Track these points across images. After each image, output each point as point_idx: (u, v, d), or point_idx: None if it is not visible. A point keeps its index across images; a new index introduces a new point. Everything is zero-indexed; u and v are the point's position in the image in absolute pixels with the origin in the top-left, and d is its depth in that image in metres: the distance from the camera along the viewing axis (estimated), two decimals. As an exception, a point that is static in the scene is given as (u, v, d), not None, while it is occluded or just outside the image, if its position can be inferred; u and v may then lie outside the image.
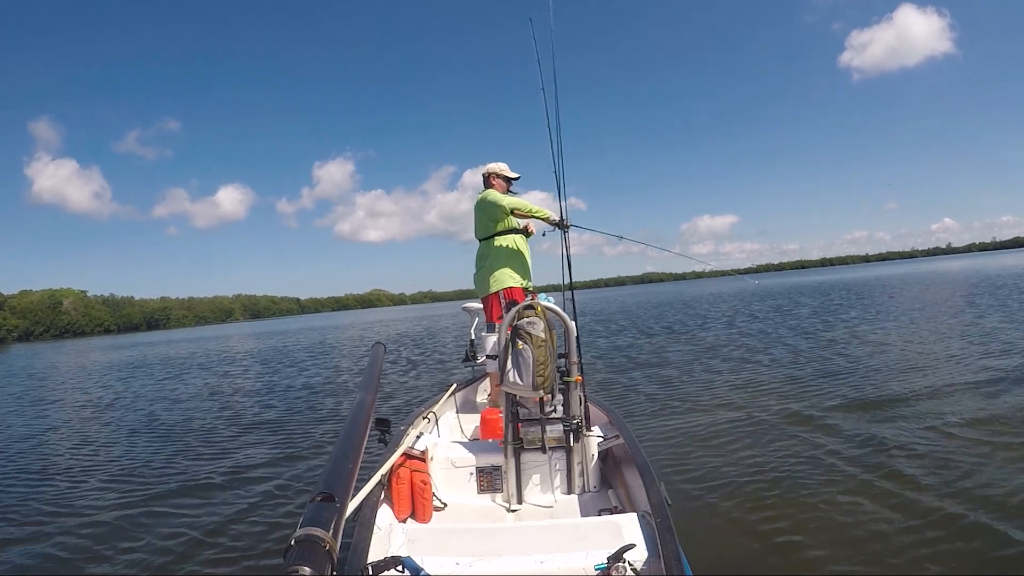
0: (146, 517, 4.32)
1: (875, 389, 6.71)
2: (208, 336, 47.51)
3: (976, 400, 5.85)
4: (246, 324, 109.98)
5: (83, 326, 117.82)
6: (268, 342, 28.14)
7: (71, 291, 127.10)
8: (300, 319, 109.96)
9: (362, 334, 30.32)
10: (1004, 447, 4.44)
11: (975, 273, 35.02)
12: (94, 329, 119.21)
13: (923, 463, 4.25)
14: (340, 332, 34.68)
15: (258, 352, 21.38)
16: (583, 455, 3.16)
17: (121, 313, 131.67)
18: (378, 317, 67.89)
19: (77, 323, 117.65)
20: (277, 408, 8.61)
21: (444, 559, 2.12)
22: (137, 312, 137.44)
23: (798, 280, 65.37)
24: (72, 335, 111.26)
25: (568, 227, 3.97)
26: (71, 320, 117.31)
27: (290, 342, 26.70)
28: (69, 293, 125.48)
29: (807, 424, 5.53)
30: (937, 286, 26.58)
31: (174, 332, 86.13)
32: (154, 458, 6.16)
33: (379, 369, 2.23)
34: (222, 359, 19.55)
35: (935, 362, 7.99)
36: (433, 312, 66.42)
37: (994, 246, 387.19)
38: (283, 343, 26.42)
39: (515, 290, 4.25)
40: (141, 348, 35.28)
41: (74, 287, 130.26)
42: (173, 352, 27.15)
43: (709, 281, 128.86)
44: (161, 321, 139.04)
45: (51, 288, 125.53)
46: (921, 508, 3.50)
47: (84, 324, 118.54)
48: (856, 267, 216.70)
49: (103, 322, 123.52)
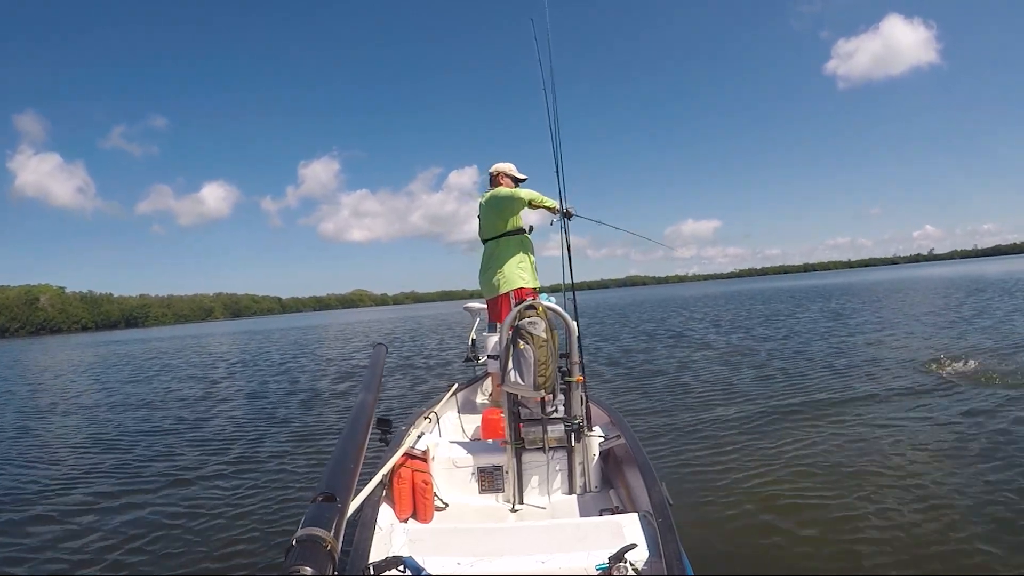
0: (145, 517, 4.27)
1: (877, 390, 6.74)
2: (190, 335, 46.87)
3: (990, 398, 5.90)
4: (227, 323, 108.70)
5: (60, 323, 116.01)
6: (259, 342, 27.84)
7: (49, 287, 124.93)
8: (282, 318, 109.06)
9: (357, 333, 30.19)
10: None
11: (979, 279, 35.42)
12: (71, 326, 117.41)
13: (924, 463, 4.27)
14: (327, 331, 34.47)
15: (250, 352, 21.11)
16: (584, 455, 3.15)
17: (99, 310, 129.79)
18: (359, 318, 67.47)
19: (54, 320, 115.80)
20: (277, 408, 8.51)
21: (445, 559, 2.11)
22: (115, 309, 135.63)
23: (792, 284, 66.14)
24: (49, 332, 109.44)
25: (572, 215, 3.95)
26: (48, 317, 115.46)
27: (281, 341, 26.46)
28: (47, 289, 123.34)
29: (809, 424, 5.56)
30: (939, 289, 26.96)
31: (153, 330, 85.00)
32: (153, 458, 6.06)
33: (380, 370, 2.24)
34: (215, 358, 19.27)
35: (938, 363, 8.06)
36: (415, 313, 66.10)
37: (976, 253, 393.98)
38: (274, 342, 26.20)
39: (525, 290, 4.24)
40: (120, 346, 34.77)
41: (53, 283, 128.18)
42: (162, 349, 26.85)
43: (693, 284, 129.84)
44: (140, 319, 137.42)
45: (28, 284, 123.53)
46: (923, 508, 3.51)
47: (61, 321, 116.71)
48: (839, 272, 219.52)
49: (80, 319, 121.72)
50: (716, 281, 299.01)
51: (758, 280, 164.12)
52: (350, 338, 26.43)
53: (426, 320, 40.60)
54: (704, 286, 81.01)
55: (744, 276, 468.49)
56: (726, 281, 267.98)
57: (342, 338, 26.76)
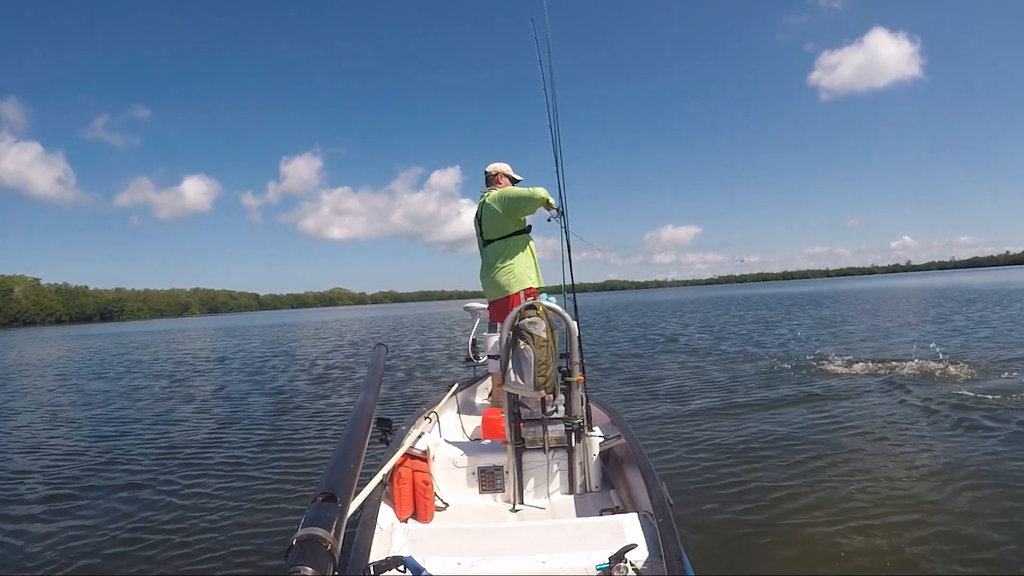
0: (145, 517, 4.22)
1: (879, 392, 6.77)
2: (167, 330, 46.17)
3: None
4: (203, 319, 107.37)
5: (34, 315, 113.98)
6: (249, 339, 27.39)
7: (23, 278, 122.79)
8: (261, 315, 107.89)
9: (346, 331, 29.95)
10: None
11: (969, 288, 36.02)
12: (45, 319, 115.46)
13: (925, 463, 4.29)
14: (303, 330, 34.18)
15: (242, 349, 20.78)
16: (584, 455, 3.15)
17: (74, 303, 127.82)
18: (338, 316, 66.72)
19: (28, 312, 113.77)
20: (277, 408, 8.40)
21: (446, 559, 2.10)
22: (91, 303, 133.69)
23: (777, 292, 66.62)
24: (22, 324, 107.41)
25: (561, 214, 3.94)
26: (21, 308, 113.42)
27: (276, 339, 26.13)
28: (21, 280, 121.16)
29: (809, 425, 5.56)
30: (930, 299, 27.43)
31: (128, 324, 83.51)
32: (150, 458, 5.95)
33: (381, 370, 2.24)
34: (207, 356, 18.90)
35: (940, 362, 8.15)
36: (394, 313, 65.65)
37: (953, 265, 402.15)
38: (265, 340, 25.82)
39: (533, 290, 4.22)
40: (99, 340, 34.15)
41: (28, 275, 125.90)
42: (150, 344, 26.37)
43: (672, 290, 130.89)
44: (115, 313, 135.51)
45: (3, 275, 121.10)
46: (923, 508, 3.52)
47: (35, 313, 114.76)
48: (819, 281, 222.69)
49: (55, 311, 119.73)
50: (696, 287, 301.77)
51: (737, 287, 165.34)
52: (343, 335, 26.28)
53: (406, 320, 40.38)
54: (684, 291, 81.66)
55: (724, 283, 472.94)
56: (706, 287, 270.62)
57: (336, 336, 26.55)
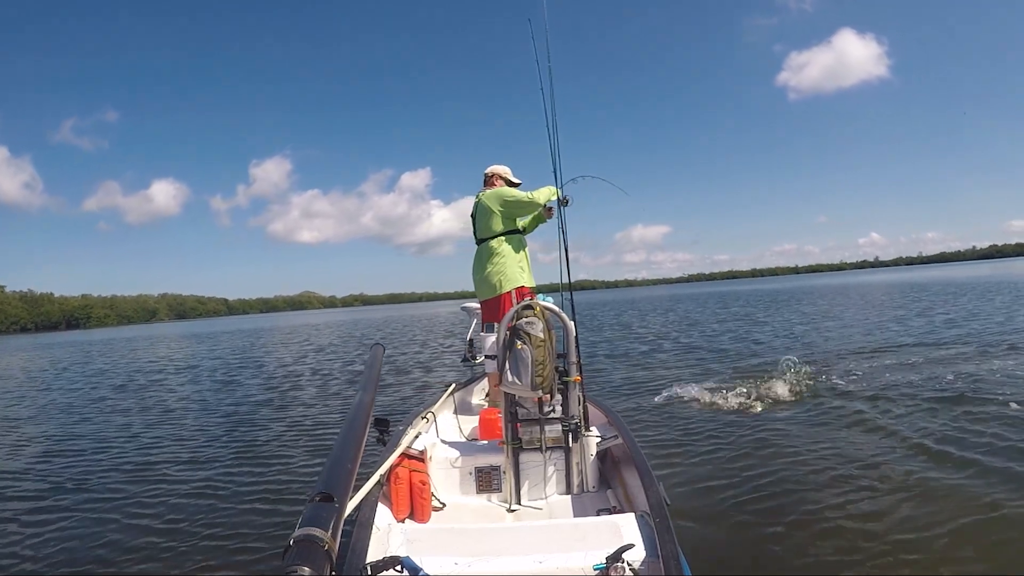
0: (143, 517, 4.20)
1: (875, 390, 6.77)
2: (138, 336, 45.15)
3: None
4: (173, 324, 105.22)
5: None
6: (220, 343, 27.05)
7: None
8: (229, 320, 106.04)
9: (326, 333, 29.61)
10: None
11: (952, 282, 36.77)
12: (9, 327, 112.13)
13: (927, 464, 4.27)
14: (273, 335, 33.71)
15: (232, 352, 20.51)
16: (582, 455, 3.16)
17: (39, 311, 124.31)
18: (307, 320, 65.99)
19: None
20: (276, 408, 8.34)
21: (443, 559, 2.09)
22: (56, 310, 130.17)
23: (748, 289, 67.27)
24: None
25: (567, 203, 4.03)
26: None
27: (246, 343, 25.76)
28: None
29: (807, 424, 5.59)
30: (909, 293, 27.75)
31: (95, 332, 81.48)
32: (148, 459, 5.90)
33: (378, 370, 2.23)
34: (197, 359, 18.67)
35: (942, 364, 8.16)
36: (364, 316, 64.81)
37: (920, 260, 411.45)
38: (251, 342, 25.52)
39: (525, 289, 4.24)
40: (68, 348, 33.25)
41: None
42: (133, 352, 25.70)
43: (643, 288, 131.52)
44: (81, 320, 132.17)
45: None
46: (924, 508, 3.51)
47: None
48: (788, 278, 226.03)
49: (19, 320, 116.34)
50: (666, 285, 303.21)
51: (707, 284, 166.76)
52: (328, 337, 26.04)
53: (376, 322, 39.89)
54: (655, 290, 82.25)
55: (694, 281, 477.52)
56: (676, 285, 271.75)
57: (320, 338, 26.33)
